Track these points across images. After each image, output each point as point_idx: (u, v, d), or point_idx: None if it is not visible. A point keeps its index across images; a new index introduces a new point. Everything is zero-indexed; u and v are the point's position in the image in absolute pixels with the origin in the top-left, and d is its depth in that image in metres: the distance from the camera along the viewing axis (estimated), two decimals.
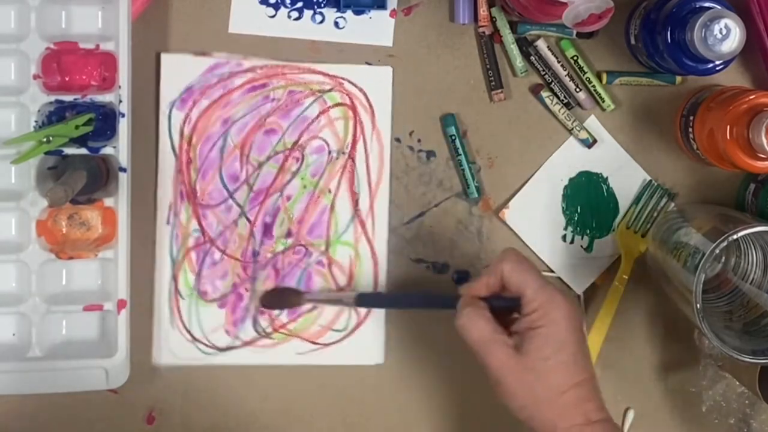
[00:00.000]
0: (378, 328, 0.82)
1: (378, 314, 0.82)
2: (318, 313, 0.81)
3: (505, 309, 0.69)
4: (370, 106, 0.81)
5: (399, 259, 0.82)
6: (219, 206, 0.80)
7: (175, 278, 0.80)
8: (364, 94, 0.81)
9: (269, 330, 0.81)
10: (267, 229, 0.81)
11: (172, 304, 0.80)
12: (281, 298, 0.80)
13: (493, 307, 0.69)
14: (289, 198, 0.81)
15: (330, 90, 0.81)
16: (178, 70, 0.80)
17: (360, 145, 0.81)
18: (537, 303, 0.66)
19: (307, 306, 0.81)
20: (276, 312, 0.80)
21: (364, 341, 0.82)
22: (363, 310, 0.81)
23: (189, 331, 0.80)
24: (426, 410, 0.83)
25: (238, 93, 0.80)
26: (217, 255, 0.81)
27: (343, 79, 0.81)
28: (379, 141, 0.81)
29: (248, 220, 0.81)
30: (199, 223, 0.80)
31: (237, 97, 0.80)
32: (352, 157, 0.81)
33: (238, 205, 0.80)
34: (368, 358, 0.82)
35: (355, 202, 0.81)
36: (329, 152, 0.81)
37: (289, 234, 0.81)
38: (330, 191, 0.81)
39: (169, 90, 0.80)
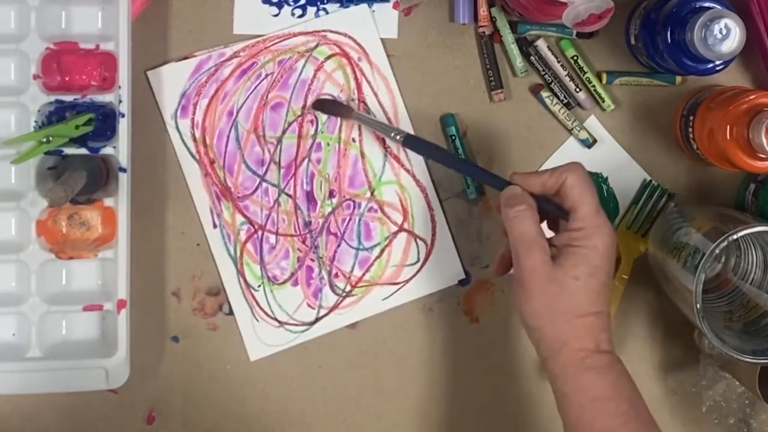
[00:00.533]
0: (449, 246, 0.82)
1: (445, 234, 0.82)
2: (387, 255, 0.82)
3: (549, 214, 0.70)
4: (360, 46, 0.81)
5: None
6: (255, 193, 0.81)
7: (241, 274, 0.81)
8: (350, 38, 0.81)
9: (348, 288, 0.82)
10: (309, 197, 0.82)
11: (249, 300, 0.81)
12: (332, 106, 0.81)
13: (540, 208, 0.69)
14: (318, 161, 0.81)
15: (317, 46, 0.81)
16: (168, 81, 0.80)
17: (365, 86, 0.81)
18: (586, 223, 0.67)
19: (376, 252, 0.82)
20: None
21: (441, 264, 0.82)
22: (428, 238, 0.82)
23: (274, 318, 0.81)
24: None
25: (231, 81, 0.81)
26: (273, 238, 0.82)
27: (324, 31, 0.81)
28: (381, 75, 0.81)
29: (288, 195, 0.81)
30: (244, 215, 0.81)
31: (231, 85, 0.81)
32: (362, 101, 0.81)
33: (273, 185, 0.81)
34: (450, 278, 0.83)
35: (382, 141, 0.82)
36: None
37: (331, 194, 0.82)
38: (354, 140, 0.81)
39: (167, 102, 0.80)
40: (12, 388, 0.75)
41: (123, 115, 0.75)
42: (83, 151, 0.75)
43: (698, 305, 0.72)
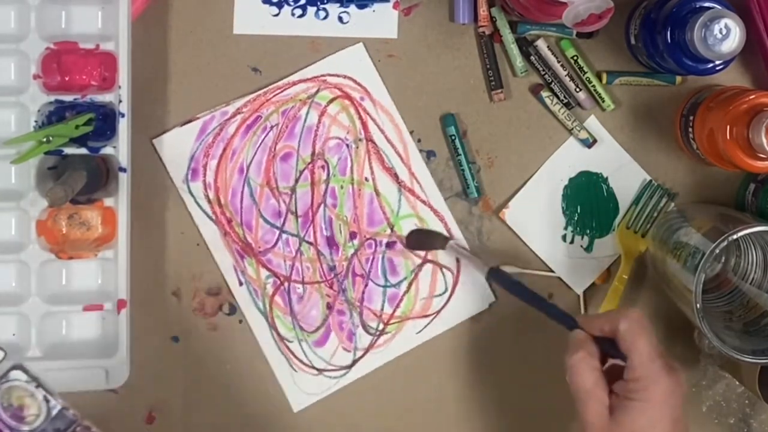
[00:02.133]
0: (475, 271, 0.82)
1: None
2: (415, 289, 0.82)
3: (613, 357, 0.69)
4: (360, 85, 0.81)
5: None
6: (276, 246, 0.81)
7: (273, 328, 0.81)
8: (350, 78, 0.81)
9: (381, 327, 0.82)
10: (330, 242, 0.82)
11: (285, 352, 0.81)
12: (426, 239, 0.81)
13: (602, 348, 0.68)
14: (335, 205, 0.81)
15: (317, 91, 0.81)
16: (175, 146, 0.80)
17: (371, 125, 0.81)
18: (639, 373, 0.65)
19: (404, 287, 0.82)
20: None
21: (470, 289, 0.82)
22: (453, 266, 0.82)
23: (312, 366, 0.82)
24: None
25: (238, 138, 0.81)
26: (300, 288, 0.82)
27: (323, 75, 0.81)
28: (385, 111, 0.81)
29: (309, 243, 0.81)
30: (268, 269, 0.81)
31: (238, 142, 0.81)
32: (370, 139, 0.81)
33: (293, 235, 0.81)
34: (481, 302, 0.83)
35: (395, 177, 0.82)
36: (347, 146, 0.81)
37: (352, 236, 0.82)
38: (367, 179, 0.82)
39: (176, 168, 0.80)
40: None
41: (123, 115, 0.75)
42: (83, 151, 0.75)
43: (698, 305, 0.72)
